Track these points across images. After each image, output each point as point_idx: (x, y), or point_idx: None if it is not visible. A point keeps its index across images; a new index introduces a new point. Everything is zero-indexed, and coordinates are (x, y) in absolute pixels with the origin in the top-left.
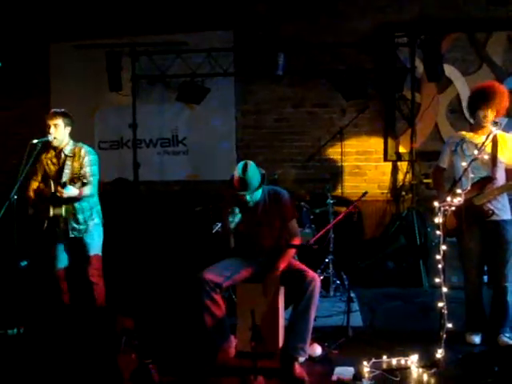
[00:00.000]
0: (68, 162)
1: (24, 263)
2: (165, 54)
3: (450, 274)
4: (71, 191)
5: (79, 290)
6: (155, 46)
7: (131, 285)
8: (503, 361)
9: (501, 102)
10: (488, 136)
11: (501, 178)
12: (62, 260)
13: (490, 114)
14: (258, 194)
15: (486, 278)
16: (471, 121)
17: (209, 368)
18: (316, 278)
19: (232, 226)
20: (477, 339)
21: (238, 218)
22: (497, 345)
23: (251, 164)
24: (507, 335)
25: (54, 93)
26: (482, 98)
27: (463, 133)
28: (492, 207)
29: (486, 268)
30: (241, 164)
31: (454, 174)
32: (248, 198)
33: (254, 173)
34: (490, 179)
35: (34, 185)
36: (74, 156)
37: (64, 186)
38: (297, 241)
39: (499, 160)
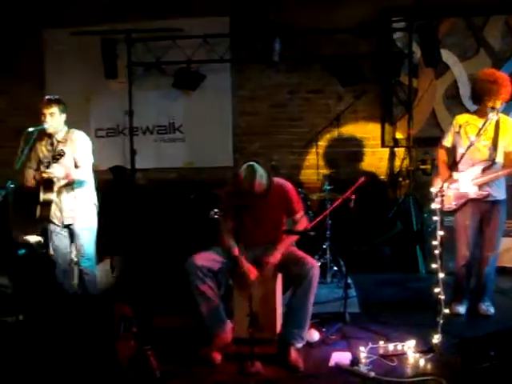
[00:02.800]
0: (60, 147)
1: (22, 251)
2: (160, 41)
3: (447, 260)
4: (55, 170)
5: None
6: (150, 32)
7: (130, 272)
8: (499, 346)
9: (507, 91)
10: (485, 123)
11: (500, 161)
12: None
13: (497, 104)
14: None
15: None
16: (472, 108)
17: (206, 354)
18: (315, 265)
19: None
20: (461, 309)
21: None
22: (478, 314)
23: (256, 167)
24: (486, 303)
25: (48, 80)
26: (490, 91)
27: (468, 115)
28: (489, 188)
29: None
30: (246, 169)
31: (456, 156)
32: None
33: (261, 177)
34: (489, 163)
35: (31, 173)
36: (65, 141)
37: (47, 165)
38: (300, 227)
39: (500, 144)
